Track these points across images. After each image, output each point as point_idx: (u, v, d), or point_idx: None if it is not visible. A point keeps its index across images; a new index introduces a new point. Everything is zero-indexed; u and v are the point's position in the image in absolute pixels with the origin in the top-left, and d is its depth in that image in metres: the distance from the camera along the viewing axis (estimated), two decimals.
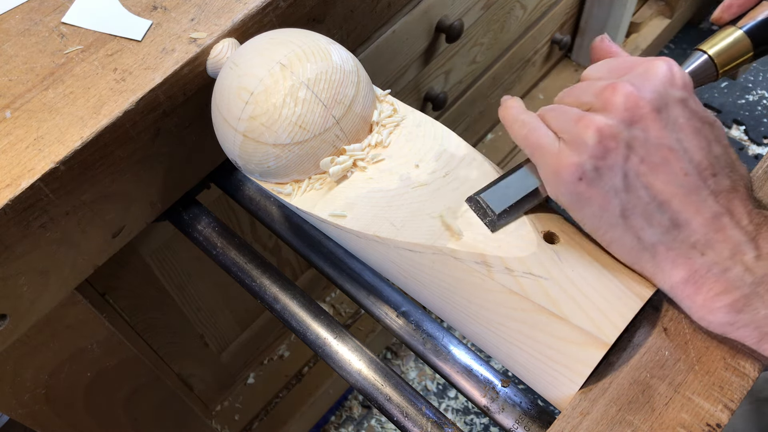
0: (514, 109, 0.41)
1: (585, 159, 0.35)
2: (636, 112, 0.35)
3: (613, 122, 0.35)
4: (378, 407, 0.46)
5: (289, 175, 0.45)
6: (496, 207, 0.40)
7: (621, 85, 0.36)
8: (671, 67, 0.37)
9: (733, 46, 0.43)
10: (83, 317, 0.55)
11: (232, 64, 0.45)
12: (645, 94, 0.36)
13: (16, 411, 0.54)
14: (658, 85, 0.36)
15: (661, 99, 0.36)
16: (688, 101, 0.37)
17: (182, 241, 0.72)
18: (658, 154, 0.35)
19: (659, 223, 0.36)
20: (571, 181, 0.36)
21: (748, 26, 0.43)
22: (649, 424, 0.35)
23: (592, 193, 0.36)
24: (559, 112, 0.39)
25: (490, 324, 0.39)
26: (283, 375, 1.09)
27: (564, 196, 0.37)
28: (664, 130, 0.36)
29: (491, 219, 0.40)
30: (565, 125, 0.37)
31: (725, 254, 0.34)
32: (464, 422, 1.20)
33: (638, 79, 0.37)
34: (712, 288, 0.35)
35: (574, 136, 0.36)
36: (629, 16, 1.37)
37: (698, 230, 0.35)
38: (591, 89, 0.38)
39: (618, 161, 0.35)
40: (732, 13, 0.44)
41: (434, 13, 0.81)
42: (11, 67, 0.47)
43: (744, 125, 1.58)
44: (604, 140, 0.35)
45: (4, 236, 0.42)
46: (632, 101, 0.35)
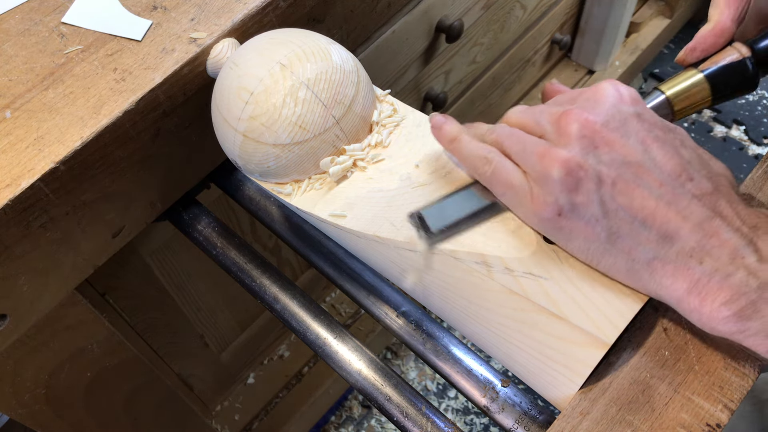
0: (466, 143, 0.40)
1: (558, 195, 0.35)
2: (594, 137, 0.35)
3: (574, 152, 0.35)
4: (378, 407, 0.46)
5: (289, 175, 0.45)
6: (433, 225, 0.40)
7: (573, 112, 0.36)
8: (616, 86, 0.38)
9: (691, 89, 0.43)
10: (83, 317, 0.55)
11: (232, 64, 0.45)
12: (598, 117, 0.36)
13: (16, 411, 0.54)
14: (608, 105, 0.37)
15: (615, 118, 0.36)
16: (642, 114, 0.37)
17: (182, 241, 0.72)
18: (628, 172, 0.35)
19: (648, 240, 0.35)
20: (551, 218, 0.36)
21: (710, 71, 0.42)
22: (649, 424, 0.35)
23: (573, 225, 0.36)
24: (518, 141, 0.38)
25: (490, 324, 0.39)
26: (283, 375, 1.09)
27: (548, 233, 0.38)
28: (627, 146, 0.35)
29: (428, 236, 0.40)
30: (528, 160, 0.37)
31: (724, 259, 0.34)
32: (464, 422, 1.20)
33: (588, 104, 0.37)
34: (717, 297, 0.33)
35: (541, 173, 0.36)
36: (629, 16, 1.37)
37: (690, 237, 0.34)
38: (546, 113, 0.38)
39: (591, 188, 0.35)
40: (695, 57, 0.43)
41: (434, 13, 0.81)
42: (11, 67, 0.47)
43: (744, 125, 1.58)
44: (571, 172, 0.35)
45: (4, 236, 0.42)
46: (588, 127, 0.36)
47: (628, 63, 1.45)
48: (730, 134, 1.56)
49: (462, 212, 0.40)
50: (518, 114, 0.41)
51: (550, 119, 0.38)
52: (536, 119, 0.39)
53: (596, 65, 1.42)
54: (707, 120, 1.59)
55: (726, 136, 1.56)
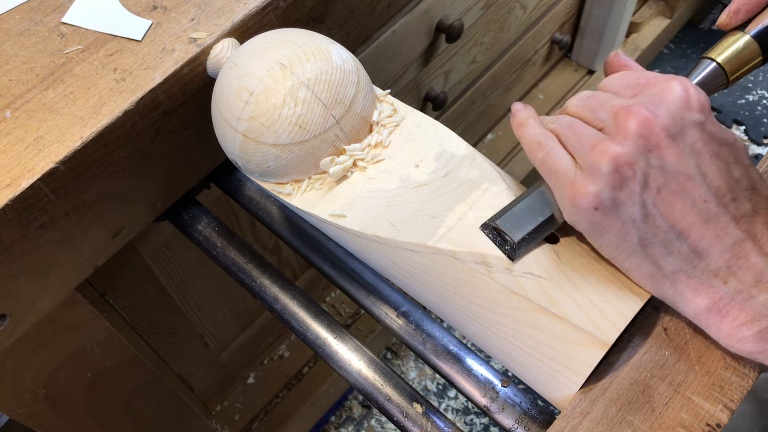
0: (529, 128, 0.40)
1: (601, 188, 0.35)
2: (651, 139, 0.34)
3: (628, 150, 0.34)
4: (378, 407, 0.46)
5: (289, 175, 0.45)
6: (514, 234, 0.38)
7: (636, 109, 0.35)
8: (687, 88, 0.36)
9: (741, 52, 0.42)
10: (83, 317, 0.55)
11: (232, 64, 0.45)
12: (660, 120, 0.35)
13: (16, 411, 0.54)
14: (673, 108, 0.35)
15: (677, 123, 0.35)
16: (705, 124, 0.36)
17: (182, 241, 0.72)
18: (676, 182, 0.34)
19: (679, 252, 0.35)
20: (588, 210, 0.35)
21: (756, 31, 0.42)
22: (649, 424, 0.35)
23: (609, 222, 0.35)
24: (575, 132, 0.37)
25: (490, 324, 0.39)
26: (283, 375, 1.09)
27: (581, 225, 0.37)
28: (680, 156, 0.35)
29: (510, 247, 0.38)
30: (580, 149, 0.36)
31: (749, 282, 0.34)
32: (464, 422, 1.20)
33: (653, 102, 0.36)
34: (738, 317, 0.34)
35: (590, 163, 0.35)
36: (629, 16, 1.37)
37: (719, 258, 0.34)
38: (607, 106, 0.37)
39: (635, 190, 0.34)
40: (739, 19, 0.43)
41: (434, 13, 0.81)
42: (11, 67, 0.47)
43: (744, 125, 1.58)
44: (619, 168, 0.34)
45: (4, 236, 0.42)
46: (647, 127, 0.34)
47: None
48: None
49: (540, 216, 0.38)
50: (579, 103, 0.40)
51: (610, 111, 0.36)
52: (595, 112, 0.38)
53: (596, 65, 1.42)
54: None
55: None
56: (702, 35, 1.75)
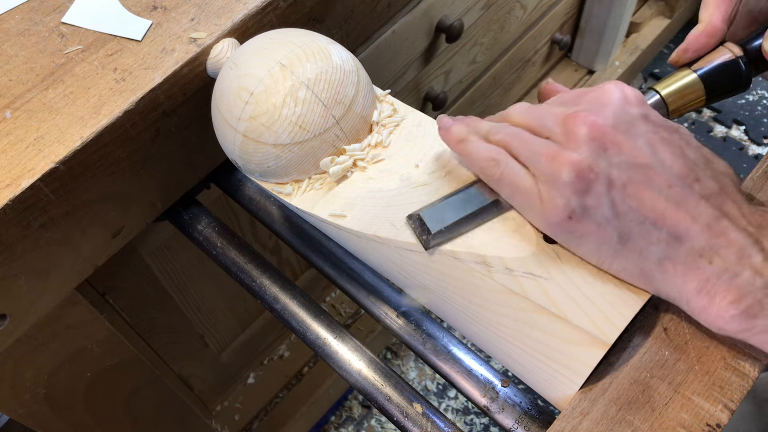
0: (474, 144, 0.40)
1: (569, 198, 0.35)
2: (604, 139, 0.35)
3: (585, 155, 0.35)
4: (378, 407, 0.46)
5: (289, 175, 0.45)
6: (433, 226, 0.39)
7: (582, 115, 0.36)
8: (621, 87, 0.37)
9: (685, 89, 0.43)
10: (83, 317, 0.55)
11: (232, 64, 0.45)
12: (607, 120, 0.36)
13: (16, 411, 0.54)
14: (616, 108, 0.36)
15: (624, 120, 0.36)
16: (648, 116, 0.37)
17: (182, 241, 0.72)
18: (638, 174, 0.35)
19: (658, 240, 0.35)
20: (562, 221, 0.36)
21: (703, 71, 0.43)
22: (649, 424, 0.35)
23: (584, 227, 0.36)
24: (524, 143, 0.38)
25: (490, 324, 0.39)
26: (283, 375, 1.09)
27: (559, 236, 0.37)
28: (635, 149, 0.35)
29: (425, 238, 0.39)
30: (535, 162, 0.37)
31: (732, 259, 0.34)
32: (464, 422, 1.20)
33: (595, 106, 0.37)
34: (725, 296, 0.34)
35: (549, 175, 0.36)
36: (629, 16, 1.37)
37: (699, 237, 0.34)
38: (551, 115, 0.38)
39: (601, 191, 0.35)
40: (687, 58, 0.44)
41: (434, 13, 0.81)
42: (11, 67, 0.47)
43: (744, 125, 1.58)
44: (581, 175, 0.35)
45: (4, 236, 0.42)
46: (596, 129, 0.35)
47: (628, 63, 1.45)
48: (730, 134, 1.57)
49: (461, 213, 0.40)
50: (522, 113, 0.40)
51: (556, 120, 0.37)
52: (541, 121, 0.39)
53: (596, 65, 1.42)
54: (707, 120, 1.59)
55: (726, 136, 1.56)
56: None
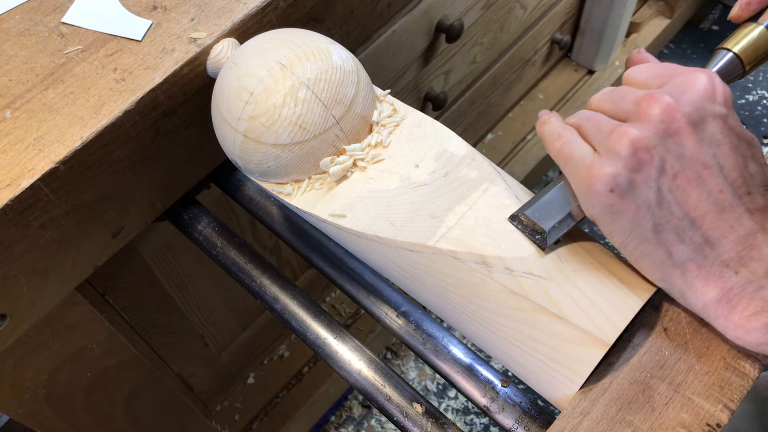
0: (550, 124, 0.40)
1: (618, 170, 0.35)
2: (672, 125, 0.35)
3: (647, 134, 0.34)
4: (378, 407, 0.46)
5: (289, 175, 0.45)
6: (544, 224, 0.38)
7: (659, 96, 0.35)
8: (713, 80, 0.36)
9: (756, 42, 0.42)
10: (83, 317, 0.55)
11: (232, 64, 0.45)
12: (683, 107, 0.35)
13: (16, 411, 0.54)
14: (696, 98, 0.35)
15: (699, 113, 0.35)
16: (727, 117, 0.36)
17: (182, 241, 0.72)
18: (692, 170, 0.35)
19: (691, 240, 0.35)
20: (603, 192, 0.35)
21: None
22: (649, 424, 0.35)
23: (623, 205, 0.35)
24: (594, 123, 0.38)
25: (490, 324, 0.39)
26: (283, 375, 1.09)
27: (595, 208, 0.36)
28: (699, 145, 0.35)
29: (541, 236, 0.38)
30: (599, 137, 0.36)
31: (760, 273, 0.34)
32: (464, 422, 1.20)
33: (677, 90, 0.36)
34: (748, 307, 0.34)
35: (608, 147, 0.35)
36: (629, 16, 1.37)
37: (731, 248, 0.34)
38: (630, 96, 0.37)
39: (651, 175, 0.35)
40: (752, 10, 0.43)
41: (434, 13, 0.81)
42: (11, 67, 0.47)
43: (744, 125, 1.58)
44: (638, 152, 0.34)
45: (4, 236, 0.42)
46: (669, 114, 0.35)
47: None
48: None
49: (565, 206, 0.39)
50: (601, 97, 0.40)
51: (634, 99, 0.36)
52: (617, 103, 0.38)
53: (596, 65, 1.42)
54: None
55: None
56: (702, 35, 1.75)
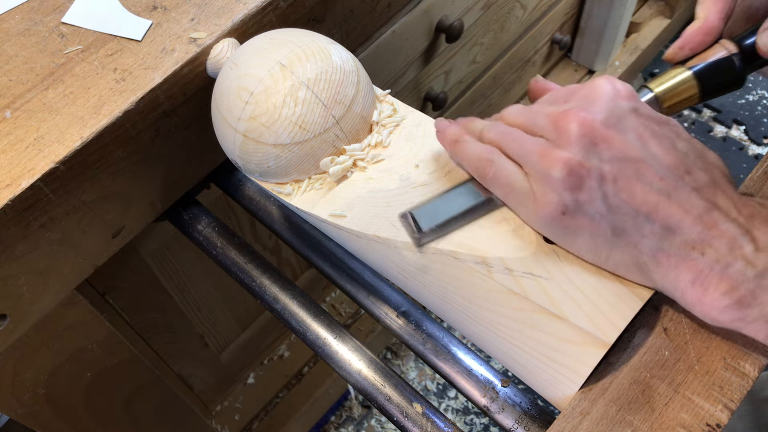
0: (469, 144, 0.41)
1: (561, 194, 0.36)
2: (593, 134, 0.36)
3: (575, 152, 0.36)
4: (378, 407, 0.46)
5: (289, 175, 0.45)
6: (424, 224, 0.40)
7: (572, 112, 0.37)
8: (612, 82, 0.38)
9: (679, 86, 0.43)
10: (83, 317, 0.55)
11: (232, 64, 0.45)
12: (597, 115, 0.36)
13: (16, 411, 0.54)
14: (605, 102, 0.37)
15: (613, 114, 0.37)
16: (639, 109, 0.37)
17: (182, 241, 0.72)
18: (629, 168, 0.36)
19: (652, 233, 0.35)
20: (556, 217, 0.36)
21: (698, 68, 0.43)
22: (649, 424, 0.35)
23: (578, 223, 0.36)
24: (517, 141, 0.39)
25: (490, 324, 0.39)
26: (283, 375, 1.09)
27: (553, 233, 0.38)
28: (625, 143, 0.36)
29: (416, 236, 0.40)
30: (527, 159, 0.38)
31: (724, 250, 0.34)
32: (464, 422, 1.20)
33: (585, 102, 0.37)
34: (718, 287, 0.34)
35: (541, 172, 0.36)
36: (629, 16, 1.37)
37: (691, 229, 0.35)
38: (543, 114, 0.38)
39: (593, 186, 0.36)
40: (683, 55, 0.44)
41: (434, 13, 0.81)
42: (11, 67, 0.47)
43: (744, 125, 1.58)
44: (573, 171, 0.35)
45: (4, 236, 0.42)
46: (586, 125, 0.36)
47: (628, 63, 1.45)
48: (730, 134, 1.56)
49: (454, 210, 0.40)
50: (515, 113, 0.41)
51: (547, 119, 0.38)
52: (533, 120, 0.39)
53: (596, 65, 1.42)
54: (707, 120, 1.59)
55: (726, 136, 1.56)
56: None
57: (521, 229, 0.39)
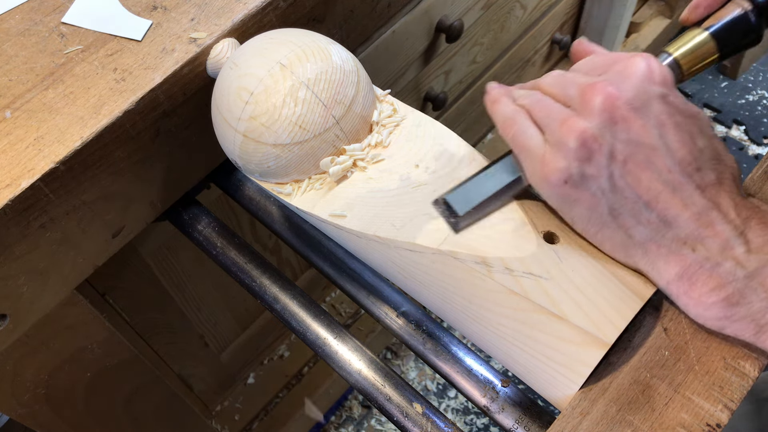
0: (502, 105, 0.41)
1: (570, 163, 0.36)
2: (615, 113, 0.36)
3: (593, 125, 0.36)
4: (378, 407, 0.46)
5: (289, 175, 0.45)
6: (460, 209, 0.40)
7: (600, 86, 0.36)
8: (650, 63, 0.37)
9: (698, 48, 0.43)
10: (83, 317, 0.55)
11: (232, 64, 0.45)
12: (624, 94, 0.36)
13: (16, 411, 0.54)
14: (636, 82, 0.37)
15: (641, 97, 0.36)
16: (668, 97, 0.37)
17: (182, 241, 0.72)
18: (641, 153, 0.36)
19: (648, 221, 0.36)
20: (558, 184, 0.37)
21: (714, 28, 0.43)
22: (649, 424, 0.35)
23: (579, 195, 0.37)
24: (544, 108, 0.39)
25: (490, 324, 0.39)
26: (283, 375, 1.09)
27: (552, 198, 0.38)
28: (644, 128, 0.36)
29: (454, 221, 0.40)
30: (549, 126, 0.38)
31: (715, 249, 0.35)
32: (464, 422, 1.20)
33: (617, 78, 0.37)
34: (706, 284, 0.35)
35: (558, 139, 0.37)
36: (629, 16, 1.37)
37: (687, 226, 0.35)
38: (575, 83, 0.38)
39: (602, 163, 0.36)
40: (698, 14, 0.44)
41: (434, 13, 0.81)
42: (11, 67, 0.47)
43: (744, 125, 1.58)
44: (586, 143, 0.36)
45: (4, 236, 0.42)
46: (611, 102, 0.36)
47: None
48: (730, 134, 1.56)
49: (488, 191, 0.40)
50: (550, 81, 0.41)
51: (577, 89, 0.38)
52: (565, 89, 0.39)
53: None
54: None
55: (726, 136, 1.56)
56: None
57: (521, 229, 0.39)
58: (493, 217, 0.40)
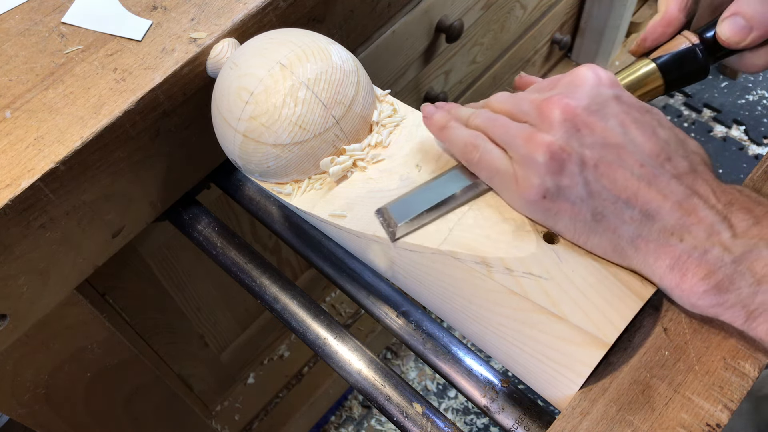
0: (455, 130, 0.41)
1: (543, 178, 0.36)
2: (576, 120, 0.36)
3: (557, 137, 0.36)
4: (378, 407, 0.46)
5: (289, 175, 0.45)
6: (399, 218, 0.40)
7: (556, 98, 0.37)
8: (594, 69, 0.39)
9: (644, 78, 0.45)
10: (83, 317, 0.55)
11: (232, 64, 0.45)
12: (580, 101, 0.37)
13: (16, 411, 0.54)
14: (588, 89, 0.38)
15: (596, 101, 0.37)
16: (621, 96, 0.38)
17: (182, 241, 0.72)
18: (610, 154, 0.36)
19: (632, 218, 0.36)
20: (537, 200, 0.37)
21: (661, 60, 0.44)
22: (649, 424, 0.35)
23: (559, 207, 0.37)
24: (502, 126, 0.39)
25: (490, 324, 0.39)
26: (283, 375, 1.09)
27: (535, 215, 0.39)
28: (607, 129, 0.36)
29: (391, 230, 0.40)
30: (512, 144, 0.38)
31: (701, 236, 0.35)
32: (464, 422, 1.20)
33: (568, 89, 0.38)
34: (696, 273, 0.35)
35: (525, 156, 0.37)
36: (629, 16, 1.37)
37: (671, 215, 0.35)
38: (528, 100, 0.39)
39: (575, 171, 0.36)
40: (645, 47, 0.45)
41: (434, 13, 0.81)
42: (11, 67, 0.47)
43: (744, 125, 1.58)
44: (555, 156, 0.36)
45: (4, 236, 0.42)
46: (569, 111, 0.37)
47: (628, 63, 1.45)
48: (730, 134, 1.56)
49: (430, 201, 0.40)
50: (501, 100, 0.42)
51: (532, 105, 0.39)
52: (519, 106, 0.40)
53: None
54: (707, 120, 1.59)
55: (726, 136, 1.56)
56: None
57: (521, 229, 0.39)
58: (493, 217, 0.40)
